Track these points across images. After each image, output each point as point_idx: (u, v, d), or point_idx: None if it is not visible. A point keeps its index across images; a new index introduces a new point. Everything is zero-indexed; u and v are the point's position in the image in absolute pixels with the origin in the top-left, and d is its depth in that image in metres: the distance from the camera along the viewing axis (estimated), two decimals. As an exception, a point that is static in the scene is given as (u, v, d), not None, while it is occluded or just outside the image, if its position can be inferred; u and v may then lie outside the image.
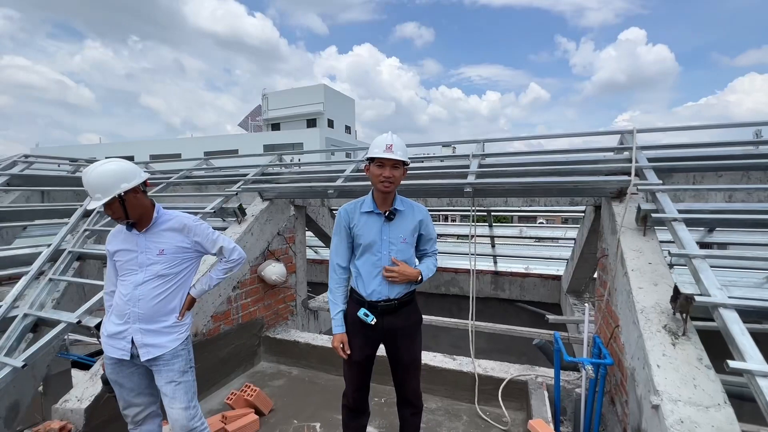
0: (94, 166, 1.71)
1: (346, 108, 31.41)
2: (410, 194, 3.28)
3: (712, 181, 2.63)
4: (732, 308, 1.49)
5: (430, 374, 3.02)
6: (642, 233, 2.28)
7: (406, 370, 1.98)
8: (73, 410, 2.14)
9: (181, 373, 1.84)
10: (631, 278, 2.04)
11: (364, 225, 1.86)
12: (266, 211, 3.59)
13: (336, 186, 3.18)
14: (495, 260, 6.04)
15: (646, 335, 1.75)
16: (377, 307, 1.84)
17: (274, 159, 4.36)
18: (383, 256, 1.85)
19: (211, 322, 3.03)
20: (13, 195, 3.73)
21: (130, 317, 1.78)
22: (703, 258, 1.73)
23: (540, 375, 2.81)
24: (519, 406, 2.75)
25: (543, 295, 5.94)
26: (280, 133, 28.54)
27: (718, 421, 1.39)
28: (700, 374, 1.56)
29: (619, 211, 2.43)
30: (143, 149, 29.73)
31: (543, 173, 2.93)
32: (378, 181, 1.79)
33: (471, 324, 3.11)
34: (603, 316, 2.60)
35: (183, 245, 1.87)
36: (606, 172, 2.80)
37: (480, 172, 2.95)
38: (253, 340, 3.51)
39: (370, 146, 1.85)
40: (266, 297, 3.66)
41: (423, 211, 1.97)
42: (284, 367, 3.51)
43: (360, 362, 1.90)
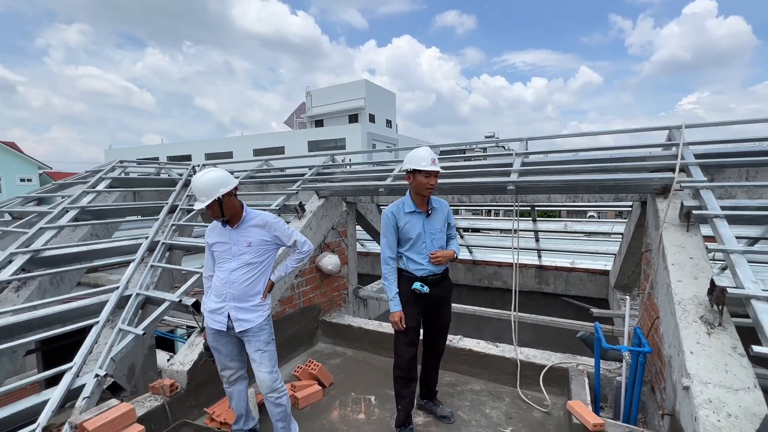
0: (201, 175, 2.12)
1: (387, 102, 31.66)
2: (455, 191, 3.50)
3: (764, 176, 2.60)
4: (764, 300, 1.58)
5: (474, 359, 3.25)
6: (685, 229, 2.35)
7: (442, 328, 2.57)
8: (178, 372, 2.64)
9: (265, 343, 2.24)
10: (671, 272, 2.14)
11: (409, 222, 2.34)
12: (322, 208, 3.98)
13: (386, 185, 3.47)
14: (539, 254, 6.07)
15: (682, 324, 1.87)
16: (427, 280, 2.37)
17: (327, 159, 4.74)
18: (428, 245, 2.38)
19: (278, 305, 3.47)
20: (114, 195, 4.42)
21: (226, 297, 2.20)
22: (741, 253, 1.81)
23: (581, 363, 2.95)
24: (560, 392, 2.91)
25: (589, 290, 5.89)
26: (323, 129, 29.47)
27: (746, 402, 1.52)
28: (733, 361, 1.67)
29: (663, 208, 2.50)
30: (198, 148, 32.00)
31: (586, 170, 3.03)
32: (424, 188, 2.26)
33: (513, 314, 3.29)
34: (645, 309, 2.68)
35: (265, 239, 2.26)
36: (651, 169, 2.84)
37: (523, 170, 3.10)
38: (312, 323, 3.93)
39: (413, 158, 2.28)
40: (323, 285, 4.06)
41: (447, 205, 2.53)
42: (340, 348, 3.90)
43: (415, 327, 2.40)
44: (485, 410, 2.81)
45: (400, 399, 2.47)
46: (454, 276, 6.84)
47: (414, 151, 2.33)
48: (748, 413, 1.49)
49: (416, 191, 2.33)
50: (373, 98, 29.32)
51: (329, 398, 3.02)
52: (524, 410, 2.80)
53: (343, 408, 2.88)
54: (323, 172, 4.46)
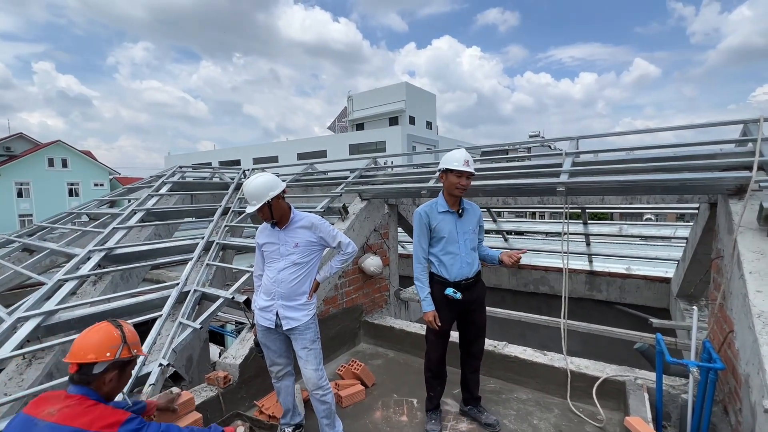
0: (252, 180, 2.23)
1: (427, 104, 31.51)
2: (500, 193, 3.41)
3: None
4: None
5: (521, 366, 3.14)
6: (765, 234, 2.11)
7: (479, 330, 2.55)
8: (231, 365, 2.80)
9: (311, 342, 2.31)
10: (748, 281, 1.93)
11: (441, 222, 2.37)
12: (365, 210, 4.03)
13: (428, 186, 3.46)
14: (590, 259, 5.73)
15: (762, 340, 1.68)
16: (460, 285, 2.37)
17: (370, 162, 4.81)
18: (461, 245, 2.39)
19: (322, 305, 3.56)
20: (174, 198, 4.78)
21: (275, 295, 2.30)
22: (836, 262, 1.60)
23: (640, 377, 2.74)
24: (615, 406, 2.73)
25: (647, 298, 5.46)
26: (363, 133, 29.92)
27: None
28: (827, 384, 1.48)
29: (738, 210, 2.27)
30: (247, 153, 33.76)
31: (646, 170, 2.82)
32: (455, 188, 2.30)
33: (563, 322, 3.13)
34: (716, 321, 2.44)
35: (311, 240, 2.33)
36: (723, 167, 2.59)
37: (574, 170, 2.95)
38: (354, 323, 4.00)
39: (447, 159, 2.31)
40: (365, 286, 4.12)
41: (478, 208, 2.55)
42: (381, 349, 3.92)
43: (446, 330, 2.46)
44: (533, 421, 2.70)
45: (431, 390, 2.63)
46: (498, 280, 6.64)
47: (450, 152, 2.36)
48: None
49: (448, 191, 2.36)
50: (413, 100, 29.32)
51: (372, 398, 3.05)
52: (575, 423, 2.66)
53: (386, 409, 2.90)
54: (365, 175, 4.52)
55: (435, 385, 2.61)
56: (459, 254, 2.37)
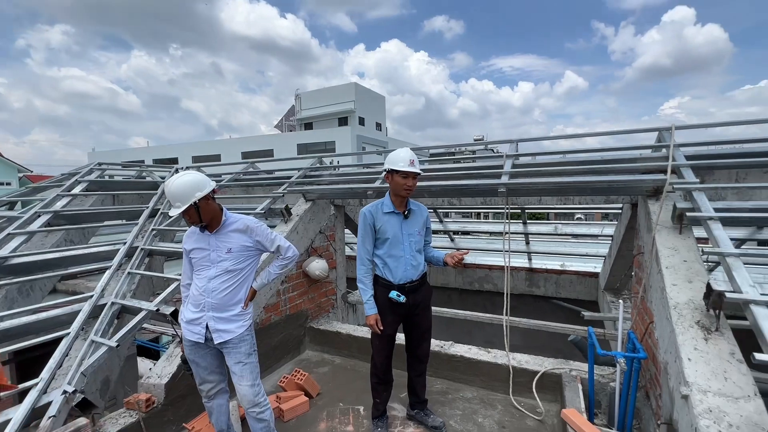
0: (175, 179, 2.00)
1: (377, 105, 31.67)
2: (445, 194, 3.43)
3: (757, 178, 2.59)
4: (763, 305, 1.54)
5: (466, 365, 3.17)
6: (678, 231, 2.31)
7: (424, 333, 2.51)
8: (155, 385, 2.50)
9: (247, 355, 2.12)
10: (665, 275, 2.09)
11: (386, 223, 2.31)
12: (309, 211, 3.87)
13: (375, 187, 3.39)
14: (529, 257, 6.04)
15: (679, 330, 1.82)
16: (404, 288, 2.32)
17: (315, 162, 4.64)
18: (405, 247, 2.34)
19: (263, 312, 3.34)
20: (91, 199, 4.24)
21: (204, 306, 2.08)
22: (737, 256, 1.77)
23: (574, 369, 2.89)
24: (553, 398, 2.85)
25: (580, 292, 5.88)
26: (312, 132, 29.31)
27: (747, 412, 1.46)
28: (732, 368, 1.62)
29: (655, 210, 2.47)
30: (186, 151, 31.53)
31: (577, 172, 2.99)
32: (402, 189, 2.24)
33: (505, 319, 3.22)
34: (638, 313, 2.64)
35: (247, 244, 2.14)
36: (643, 171, 2.81)
37: (514, 172, 3.04)
38: (299, 330, 3.81)
39: (392, 159, 2.26)
40: (310, 291, 3.95)
41: (426, 210, 2.50)
42: (328, 355, 3.78)
43: (391, 335, 2.40)
44: (478, 419, 2.73)
45: (377, 396, 2.56)
46: (445, 279, 6.78)
47: (394, 151, 2.30)
48: (750, 423, 1.44)
49: (394, 192, 2.31)
50: (362, 101, 29.30)
51: (316, 409, 2.90)
52: (517, 418, 2.73)
53: (331, 420, 2.77)
54: (310, 175, 4.35)
55: (381, 390, 2.54)
56: (404, 256, 2.33)
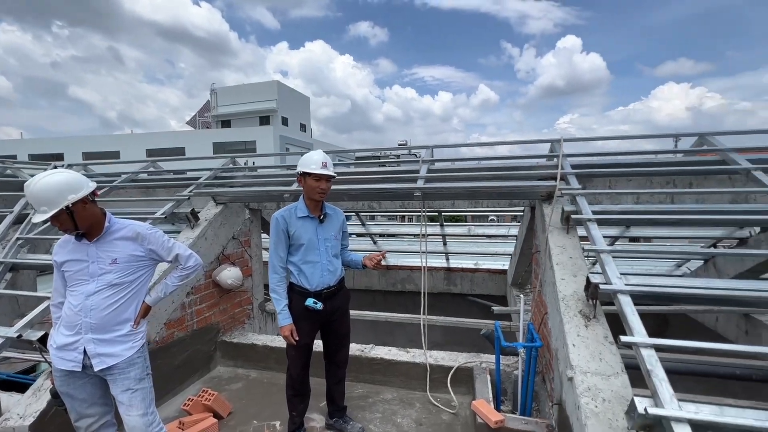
0: (38, 178, 1.67)
1: (301, 105, 30.92)
2: (364, 197, 3.44)
3: (624, 185, 3.05)
4: (627, 294, 1.81)
5: (386, 367, 3.20)
6: (566, 231, 2.62)
7: (342, 340, 2.48)
8: (15, 428, 2.06)
9: (137, 381, 1.85)
10: (556, 271, 2.35)
11: (301, 228, 2.22)
12: (220, 215, 3.57)
13: (292, 190, 3.25)
14: (447, 257, 6.38)
15: (566, 319, 2.05)
16: (322, 294, 2.25)
17: (228, 162, 4.31)
18: (321, 252, 2.26)
19: (164, 329, 2.98)
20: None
21: (81, 327, 1.77)
22: (608, 252, 2.06)
23: (484, 361, 3.10)
24: (466, 391, 3.01)
25: (491, 288, 6.38)
26: (230, 131, 27.50)
27: (616, 387, 1.70)
28: (605, 350, 1.87)
29: (548, 212, 2.77)
30: (74, 146, 27.27)
31: (486, 178, 3.22)
32: (315, 192, 2.18)
33: (423, 318, 3.33)
34: (536, 305, 2.93)
35: (136, 254, 1.88)
36: (539, 177, 3.14)
37: (429, 176, 3.17)
38: (208, 345, 3.49)
39: (304, 161, 2.19)
40: (222, 302, 3.64)
41: (342, 213, 2.45)
42: (242, 370, 3.52)
43: (308, 344, 2.33)
44: (396, 419, 2.76)
45: (294, 409, 2.46)
46: (368, 282, 6.83)
47: (307, 154, 2.24)
48: (618, 396, 1.66)
49: (308, 195, 2.24)
50: (286, 100, 28.34)
51: (227, 430, 2.67)
52: (434, 414, 2.83)
53: (243, 440, 2.57)
54: (222, 176, 4.03)
55: (297, 403, 2.44)
56: (320, 262, 2.26)
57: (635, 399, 1.40)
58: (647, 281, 1.95)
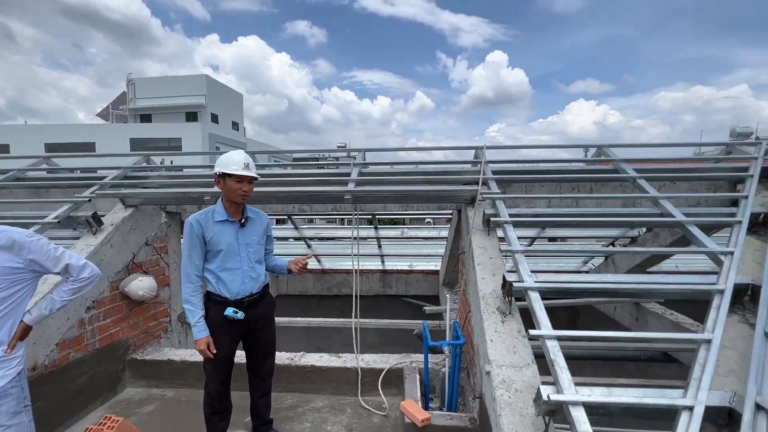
0: None
1: (233, 102, 29.30)
2: (293, 200, 3.34)
3: (537, 190, 3.34)
4: (536, 290, 1.97)
5: (317, 374, 3.13)
6: (487, 233, 2.78)
7: (267, 349, 2.36)
8: None
9: (11, 416, 1.58)
10: (477, 271, 2.48)
11: (219, 233, 2.08)
12: (130, 219, 3.22)
13: (213, 192, 3.04)
14: (382, 260, 6.46)
15: (485, 316, 2.17)
16: (243, 302, 2.12)
17: (140, 160, 3.90)
18: (243, 258, 2.12)
19: (56, 350, 2.59)
20: None
21: (-68, 356, 1.46)
22: (521, 252, 2.23)
23: (414, 361, 3.17)
24: (397, 392, 3.05)
25: (425, 288, 6.58)
26: (152, 126, 25.14)
27: (527, 377, 1.83)
28: (519, 342, 2.01)
29: (471, 215, 2.92)
30: (-53, 137, 22.86)
31: (415, 182, 3.31)
32: (237, 194, 2.05)
33: (355, 322, 3.32)
34: (461, 303, 3.07)
35: (12, 265, 1.61)
36: (464, 182, 3.30)
37: (360, 179, 3.17)
38: (115, 365, 3.11)
39: (224, 161, 2.06)
40: (132, 315, 3.27)
41: (266, 216, 2.33)
42: (157, 390, 3.19)
43: (228, 356, 2.17)
44: (326, 427, 2.70)
45: (213, 429, 2.27)
46: (303, 287, 6.65)
47: (226, 154, 2.11)
48: (528, 386, 1.79)
49: (228, 198, 2.10)
50: (216, 96, 26.64)
51: (134, 460, 2.40)
52: (365, 418, 2.82)
53: (154, 468, 2.33)
54: (133, 176, 3.64)
55: (217, 421, 2.27)
56: (241, 268, 2.13)
57: (540, 387, 1.52)
58: (554, 278, 2.14)
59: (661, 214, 2.61)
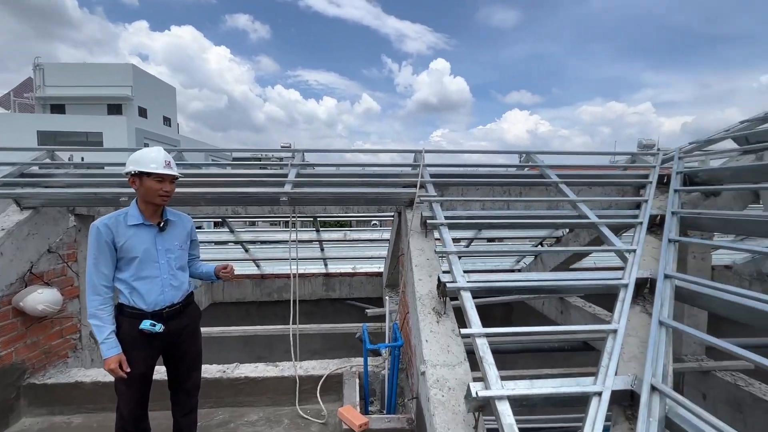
0: None
1: (165, 96, 27.14)
2: (225, 202, 3.15)
3: (473, 193, 3.48)
4: (468, 290, 2.04)
5: (252, 386, 2.96)
6: (424, 235, 2.84)
7: (192, 362, 2.18)
8: None
9: None
10: (415, 272, 2.51)
11: (133, 238, 1.89)
12: (27, 223, 2.80)
13: (131, 193, 2.74)
14: (325, 263, 6.34)
15: (421, 317, 2.20)
16: (163, 314, 1.94)
17: (42, 155, 3.42)
18: (162, 266, 1.95)
19: None
20: None
21: None
22: (455, 254, 2.30)
23: (355, 365, 3.13)
24: (337, 398, 2.99)
25: (369, 291, 6.57)
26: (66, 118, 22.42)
27: (459, 375, 1.88)
28: (452, 341, 2.07)
29: (410, 217, 2.96)
30: None
31: (355, 184, 3.28)
32: (157, 195, 1.89)
33: (293, 328, 3.20)
34: (401, 305, 3.10)
35: None
36: (403, 185, 3.34)
37: (297, 181, 3.07)
38: (7, 392, 2.67)
39: (140, 159, 1.89)
40: (29, 333, 2.84)
41: (190, 219, 2.18)
42: (61, 417, 2.81)
43: (145, 374, 1.97)
44: (261, 442, 2.57)
45: None
46: (241, 293, 6.31)
47: (142, 150, 1.94)
48: (461, 383, 1.84)
49: (146, 199, 1.92)
50: (144, 88, 24.47)
51: (27, 502, 2.07)
52: (303, 428, 2.73)
53: None
54: (32, 173, 3.18)
55: None
56: (160, 276, 1.95)
57: (470, 384, 1.57)
58: (485, 278, 2.23)
59: (579, 216, 2.86)
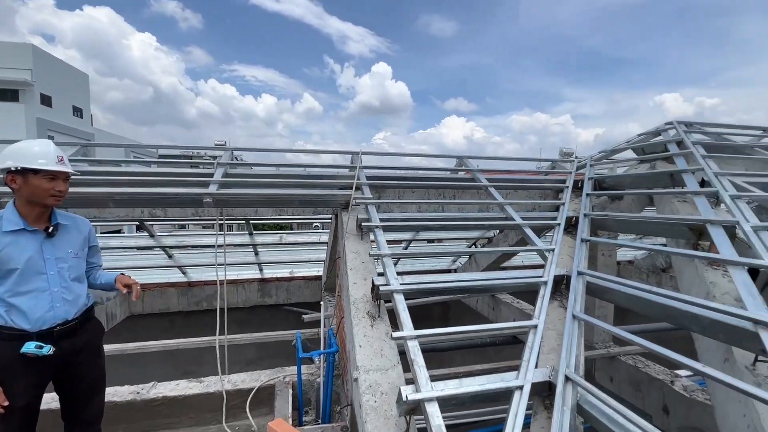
0: None
1: (75, 84, 24.08)
2: (136, 203, 2.83)
3: (409, 196, 3.53)
4: (401, 292, 2.04)
5: (171, 406, 2.69)
6: (360, 238, 2.80)
7: (92, 387, 1.90)
8: None
9: None
10: (349, 276, 2.46)
11: (11, 246, 1.63)
12: None
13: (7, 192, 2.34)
14: (260, 268, 6.04)
15: (355, 321, 2.15)
16: (53, 333, 1.70)
17: None
18: (51, 277, 1.69)
19: None
20: None
21: None
22: (389, 256, 2.30)
23: (288, 375, 2.99)
24: (268, 411, 2.83)
25: (307, 295, 6.38)
26: (-59, 103, 18.85)
27: (392, 378, 1.87)
28: (386, 345, 2.05)
29: (345, 220, 2.91)
30: None
31: (288, 185, 3.14)
32: (47, 196, 1.65)
33: (220, 339, 2.97)
34: (338, 310, 3.03)
35: None
36: (339, 186, 3.28)
37: (224, 181, 2.86)
38: None
39: (24, 154, 1.63)
40: None
41: (87, 222, 1.95)
42: None
43: (30, 405, 1.71)
44: (180, 468, 2.33)
45: None
46: (165, 303, 5.76)
47: (23, 143, 1.66)
48: (393, 387, 1.83)
49: (32, 200, 1.66)
50: (49, 74, 21.47)
51: None
52: (229, 447, 2.53)
53: None
54: None
55: None
56: (49, 290, 1.68)
57: (401, 388, 1.55)
58: (418, 279, 2.25)
59: (506, 218, 3.02)
